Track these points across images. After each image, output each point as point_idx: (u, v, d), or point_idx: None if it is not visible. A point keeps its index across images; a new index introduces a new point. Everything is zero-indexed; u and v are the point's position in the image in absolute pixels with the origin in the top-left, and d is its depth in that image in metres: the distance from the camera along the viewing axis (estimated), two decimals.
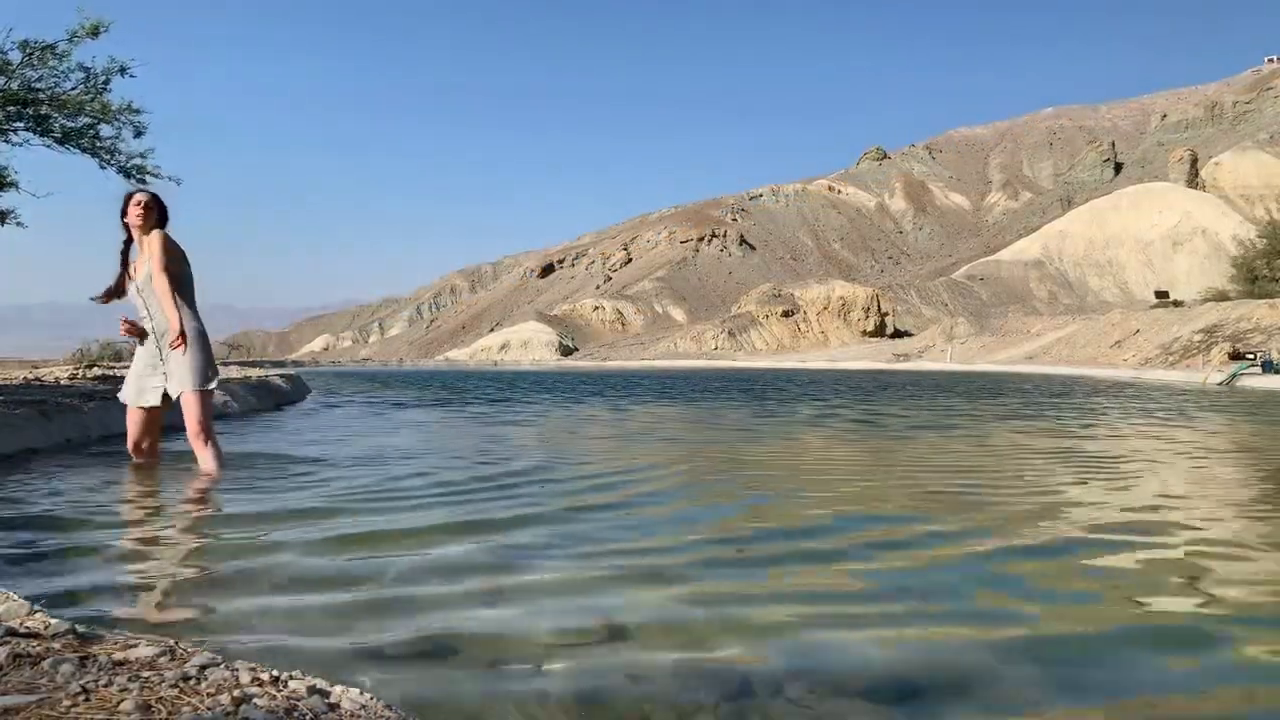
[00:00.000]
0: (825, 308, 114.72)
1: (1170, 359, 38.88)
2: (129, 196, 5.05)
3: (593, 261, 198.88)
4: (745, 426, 9.22)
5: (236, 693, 1.46)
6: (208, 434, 4.95)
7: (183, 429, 5.04)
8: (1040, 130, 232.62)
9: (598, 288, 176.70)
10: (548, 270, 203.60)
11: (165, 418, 5.31)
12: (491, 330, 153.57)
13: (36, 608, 1.90)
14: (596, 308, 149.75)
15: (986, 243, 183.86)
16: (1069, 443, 7.29)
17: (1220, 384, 25.27)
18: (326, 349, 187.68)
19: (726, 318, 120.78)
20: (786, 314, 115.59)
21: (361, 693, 1.54)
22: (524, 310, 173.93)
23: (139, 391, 5.11)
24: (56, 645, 1.66)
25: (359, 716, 1.44)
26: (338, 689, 1.54)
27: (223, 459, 4.99)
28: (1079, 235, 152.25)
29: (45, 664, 1.55)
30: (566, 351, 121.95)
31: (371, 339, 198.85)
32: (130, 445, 5.19)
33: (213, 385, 5.04)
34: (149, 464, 5.14)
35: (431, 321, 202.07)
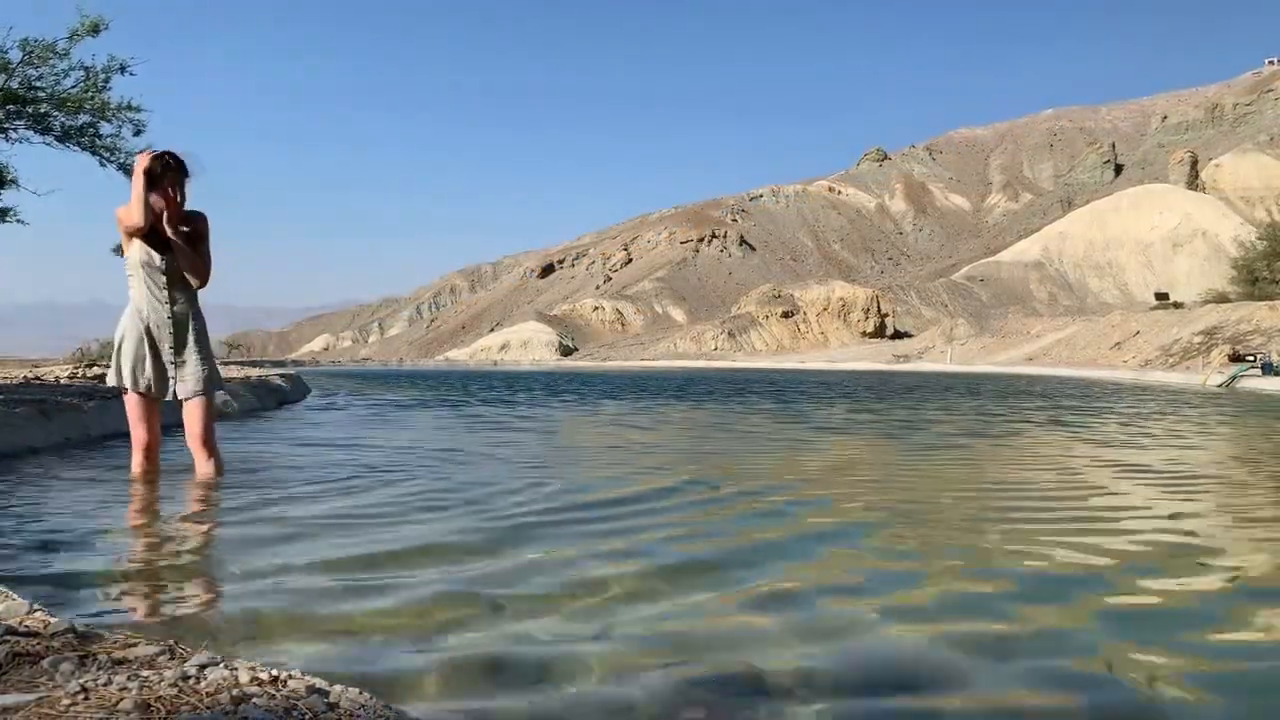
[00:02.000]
0: (825, 309, 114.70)
1: (1170, 360, 38.87)
2: (166, 166, 4.40)
3: (593, 262, 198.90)
4: (793, 435, 8.73)
5: (235, 692, 1.46)
6: (214, 441, 4.70)
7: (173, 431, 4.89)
8: (1040, 131, 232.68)
9: (598, 288, 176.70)
10: (548, 270, 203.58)
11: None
12: (491, 330, 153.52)
13: (36, 606, 1.89)
14: (596, 308, 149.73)
15: (987, 244, 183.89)
16: (1128, 455, 6.89)
17: (1220, 386, 25.25)
18: (326, 349, 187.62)
19: (726, 318, 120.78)
20: (786, 315, 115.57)
21: (360, 692, 1.54)
22: (524, 310, 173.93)
23: (161, 381, 4.57)
24: (56, 644, 1.66)
25: (358, 716, 1.44)
26: (336, 688, 1.54)
27: (223, 468, 4.75)
28: (1079, 237, 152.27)
29: (45, 663, 1.55)
30: (566, 351, 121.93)
31: (371, 339, 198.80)
32: (144, 448, 4.63)
33: (219, 389, 4.85)
34: (153, 472, 4.68)
35: (431, 321, 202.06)
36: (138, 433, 4.62)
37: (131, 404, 4.60)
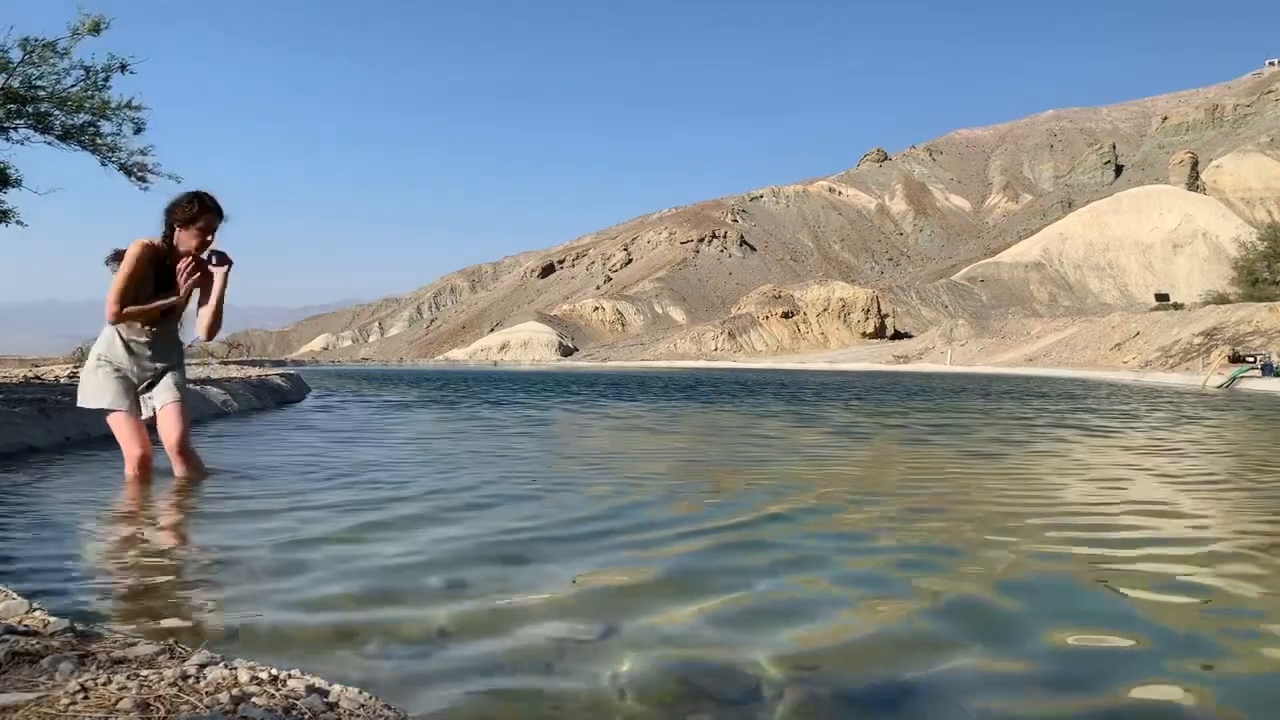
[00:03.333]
0: (825, 309, 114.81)
1: (1170, 361, 38.89)
2: (205, 208, 4.50)
3: (593, 262, 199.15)
4: (834, 444, 7.97)
5: (235, 691, 1.46)
6: (191, 445, 4.75)
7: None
8: (1041, 132, 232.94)
9: (598, 288, 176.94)
10: (548, 270, 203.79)
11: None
12: (491, 330, 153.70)
13: (35, 606, 1.89)
14: (596, 308, 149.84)
15: (987, 245, 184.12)
16: (1182, 464, 6.44)
17: (1220, 387, 25.27)
18: (327, 348, 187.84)
19: (726, 319, 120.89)
20: (786, 315, 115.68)
21: (360, 691, 1.54)
22: (524, 310, 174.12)
23: (142, 402, 4.66)
24: (55, 643, 1.66)
25: (358, 715, 1.44)
26: (336, 688, 1.54)
27: (204, 469, 4.78)
28: (1079, 237, 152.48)
29: (44, 662, 1.55)
30: (566, 352, 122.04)
31: (371, 338, 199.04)
32: (140, 462, 4.58)
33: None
34: (148, 476, 4.64)
35: (431, 321, 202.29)
36: (132, 450, 4.59)
37: (120, 421, 4.59)
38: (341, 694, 1.52)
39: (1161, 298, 78.32)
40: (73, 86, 10.94)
